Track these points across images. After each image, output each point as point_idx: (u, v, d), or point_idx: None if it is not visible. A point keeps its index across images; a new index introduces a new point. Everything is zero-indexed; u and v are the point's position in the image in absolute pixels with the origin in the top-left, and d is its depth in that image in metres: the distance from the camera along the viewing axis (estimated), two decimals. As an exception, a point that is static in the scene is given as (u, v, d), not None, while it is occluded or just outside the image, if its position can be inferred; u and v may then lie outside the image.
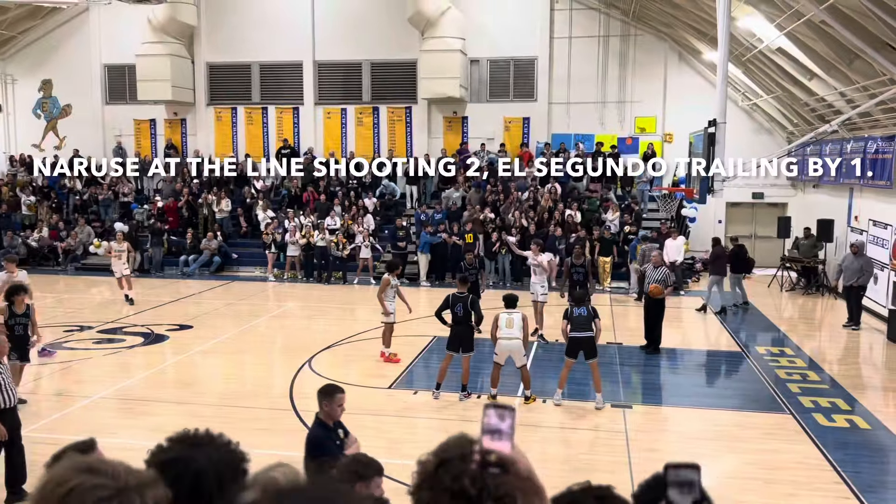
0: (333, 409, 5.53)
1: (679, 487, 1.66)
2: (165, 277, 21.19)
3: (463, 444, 1.62)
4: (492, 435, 1.66)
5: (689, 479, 1.66)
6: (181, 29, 24.70)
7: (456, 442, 1.64)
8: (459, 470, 1.55)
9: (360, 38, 24.46)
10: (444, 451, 1.61)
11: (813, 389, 11.00)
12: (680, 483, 1.66)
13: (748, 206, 23.09)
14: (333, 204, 22.28)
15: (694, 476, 1.66)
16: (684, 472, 1.67)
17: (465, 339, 10.30)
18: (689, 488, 1.66)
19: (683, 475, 1.67)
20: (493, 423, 1.66)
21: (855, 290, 14.89)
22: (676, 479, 1.67)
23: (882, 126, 15.59)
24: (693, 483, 1.66)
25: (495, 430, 1.66)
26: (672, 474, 1.68)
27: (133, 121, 26.27)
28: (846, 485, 7.64)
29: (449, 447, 1.62)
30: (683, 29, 20.92)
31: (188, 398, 10.45)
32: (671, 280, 13.12)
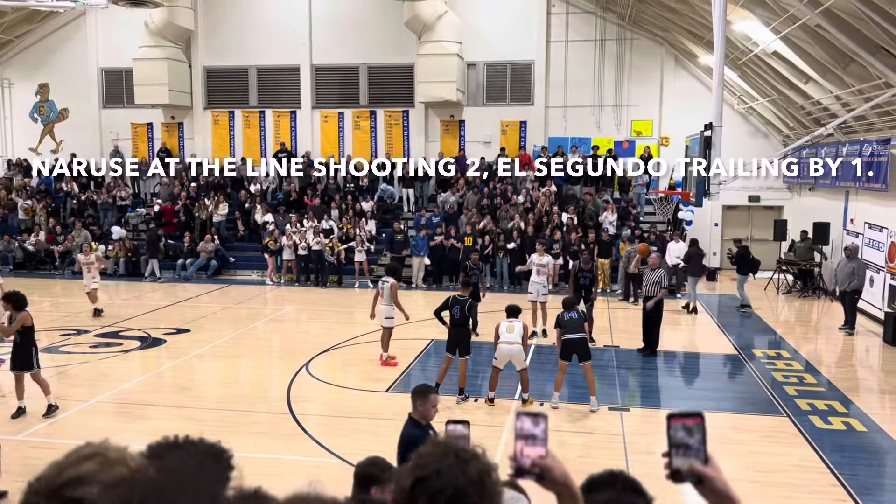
0: (427, 409, 5.52)
1: (676, 449, 1.65)
2: (162, 281, 21.17)
3: (441, 457, 1.56)
4: (526, 440, 1.67)
5: (685, 443, 1.64)
6: (178, 33, 24.72)
7: (435, 453, 1.60)
8: (435, 489, 1.52)
9: (357, 42, 24.50)
10: (420, 467, 1.57)
11: (809, 392, 11.03)
12: (677, 445, 1.64)
13: (744, 209, 23.14)
14: (330, 207, 22.31)
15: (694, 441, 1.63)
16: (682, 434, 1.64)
17: (462, 341, 10.33)
18: (685, 451, 1.64)
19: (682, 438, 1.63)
20: (528, 429, 1.67)
21: (849, 294, 14.80)
22: (675, 441, 1.64)
23: (877, 129, 15.65)
24: (690, 447, 1.63)
25: (529, 436, 1.67)
26: (673, 432, 1.65)
27: (130, 125, 26.27)
28: (843, 487, 7.66)
29: (427, 461, 1.58)
30: (679, 33, 20.98)
31: (185, 402, 10.44)
32: (666, 282, 13.11)
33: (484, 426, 9.49)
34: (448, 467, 1.55)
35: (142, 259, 21.83)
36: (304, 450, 8.55)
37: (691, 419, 1.65)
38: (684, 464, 1.63)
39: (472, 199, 21.80)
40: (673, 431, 1.64)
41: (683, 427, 1.63)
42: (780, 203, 22.66)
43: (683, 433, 1.63)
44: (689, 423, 1.64)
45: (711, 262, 22.82)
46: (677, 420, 1.65)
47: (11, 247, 22.43)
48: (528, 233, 19.77)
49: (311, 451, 8.49)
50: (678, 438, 1.63)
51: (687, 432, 1.63)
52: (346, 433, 9.16)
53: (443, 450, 1.60)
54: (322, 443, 8.76)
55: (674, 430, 1.64)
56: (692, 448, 1.62)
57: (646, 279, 13.10)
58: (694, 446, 1.62)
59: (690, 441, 1.63)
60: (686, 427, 1.63)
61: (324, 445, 8.67)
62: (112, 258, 21.94)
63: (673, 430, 1.64)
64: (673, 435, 1.64)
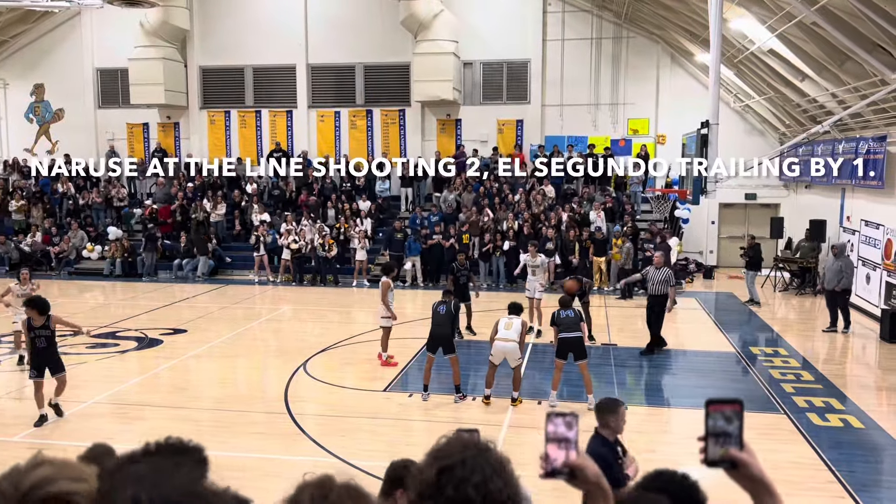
0: (619, 423, 5.35)
1: (715, 438, 1.65)
2: (159, 281, 21.14)
3: (462, 448, 1.59)
4: (559, 443, 1.66)
5: (725, 431, 1.64)
6: (174, 33, 24.66)
7: (454, 444, 1.62)
8: (461, 478, 1.52)
9: (353, 41, 24.47)
10: (443, 457, 1.58)
11: (807, 389, 11.05)
12: (715, 433, 1.64)
13: (741, 207, 23.17)
14: (326, 207, 22.29)
15: (732, 428, 1.63)
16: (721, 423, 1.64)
17: (446, 341, 10.30)
18: (724, 439, 1.64)
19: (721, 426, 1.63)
20: (561, 432, 1.67)
21: (838, 293, 14.58)
22: (714, 429, 1.64)
23: (873, 126, 15.68)
24: (729, 435, 1.63)
25: (562, 439, 1.66)
26: (711, 421, 1.65)
27: (126, 125, 26.21)
28: (840, 484, 7.68)
29: (449, 451, 1.59)
30: (675, 31, 20.99)
31: (183, 403, 10.42)
32: (674, 280, 13.16)
33: (481, 425, 9.49)
34: (472, 457, 1.58)
35: (138, 259, 21.79)
36: (303, 450, 8.54)
37: (730, 406, 1.66)
38: (720, 451, 1.63)
39: (469, 198, 21.80)
40: (712, 420, 1.65)
41: (722, 414, 1.64)
42: (776, 201, 22.69)
43: (723, 421, 1.64)
44: (727, 410, 1.65)
45: (708, 260, 22.86)
46: (716, 407, 1.66)
47: (7, 248, 22.37)
48: (525, 231, 19.78)
49: (309, 451, 8.48)
50: (718, 427, 1.64)
51: (726, 420, 1.64)
52: (343, 433, 9.14)
53: (462, 442, 1.64)
54: (320, 442, 8.75)
55: (713, 419, 1.65)
56: (731, 435, 1.64)
57: (652, 278, 13.02)
58: (733, 433, 1.63)
59: (729, 428, 1.64)
60: (725, 414, 1.64)
61: (322, 445, 8.65)
62: (109, 258, 21.91)
63: (712, 419, 1.65)
64: (712, 424, 1.64)
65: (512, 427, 9.33)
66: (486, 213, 20.69)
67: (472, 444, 1.62)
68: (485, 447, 1.61)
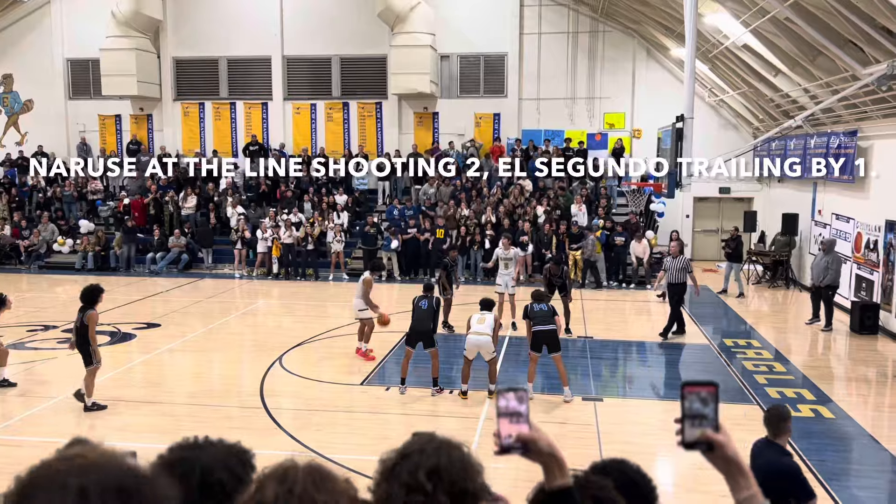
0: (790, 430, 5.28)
1: (692, 420, 1.66)
2: (133, 275, 20.87)
3: (427, 441, 1.63)
4: (510, 417, 1.67)
5: (700, 413, 1.65)
6: (146, 23, 24.30)
7: (422, 438, 1.65)
8: (416, 463, 1.57)
9: (329, 32, 24.30)
10: (408, 447, 1.63)
11: (779, 380, 11.21)
12: (691, 415, 1.66)
13: (715, 201, 23.42)
14: (302, 200, 22.14)
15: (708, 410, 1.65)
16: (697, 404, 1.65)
17: (426, 334, 10.30)
18: (699, 420, 1.66)
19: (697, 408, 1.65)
20: (512, 407, 1.67)
21: (823, 289, 14.69)
22: (690, 411, 1.66)
23: (844, 122, 15.91)
24: (704, 416, 1.65)
25: (514, 413, 1.67)
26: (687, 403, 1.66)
27: (98, 116, 25.80)
28: (811, 473, 7.79)
29: (413, 443, 1.63)
30: (651, 25, 21.12)
31: (156, 397, 10.31)
32: (691, 267, 13.78)
33: (459, 418, 9.51)
34: (433, 448, 1.61)
35: (111, 253, 21.50)
36: (278, 444, 8.48)
37: (706, 388, 1.67)
38: (697, 432, 1.65)
39: (447, 192, 21.78)
40: (688, 402, 1.66)
41: (698, 396, 1.65)
42: (750, 195, 22.96)
43: (698, 402, 1.65)
44: (703, 392, 1.67)
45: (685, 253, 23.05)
46: (692, 389, 1.67)
47: (-25, 241, 21.95)
48: (505, 225, 19.81)
49: (285, 446, 8.43)
50: (693, 408, 1.65)
51: (701, 402, 1.66)
52: (319, 427, 9.11)
53: (430, 436, 1.67)
54: (296, 437, 8.71)
55: (688, 400, 1.66)
56: (706, 417, 1.65)
57: (671, 266, 13.58)
58: (708, 415, 1.65)
59: (705, 410, 1.65)
60: (700, 396, 1.66)
61: (297, 439, 8.62)
62: (80, 252, 21.59)
63: (688, 400, 1.66)
64: (688, 406, 1.66)
65: (489, 419, 9.35)
66: (462, 209, 20.66)
67: (438, 439, 1.65)
68: (452, 443, 1.64)
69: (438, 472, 1.57)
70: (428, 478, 1.56)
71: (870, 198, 15.08)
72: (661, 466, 8.16)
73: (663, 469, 8.12)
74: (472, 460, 1.64)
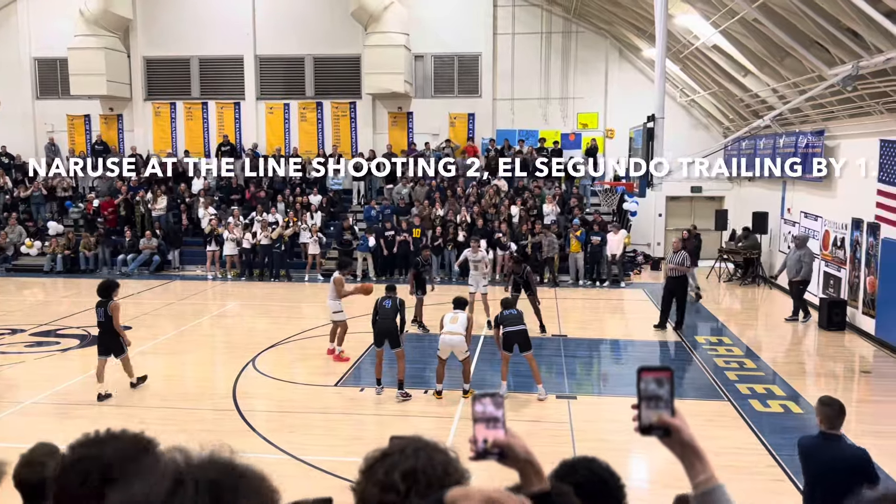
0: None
1: (647, 402, 1.68)
2: (102, 277, 20.50)
3: (410, 442, 1.62)
4: (486, 423, 1.67)
5: (656, 394, 1.67)
6: (116, 21, 23.97)
7: (407, 439, 1.65)
8: (392, 463, 1.56)
9: (302, 32, 24.16)
10: (388, 448, 1.62)
11: (750, 377, 11.37)
12: (647, 397, 1.67)
13: (687, 200, 23.67)
14: (276, 200, 21.98)
15: (664, 392, 1.66)
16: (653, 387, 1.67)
17: (392, 334, 10.26)
18: (655, 403, 1.67)
19: (653, 390, 1.67)
20: (489, 412, 1.67)
21: (794, 284, 15.10)
22: (646, 392, 1.67)
23: (812, 121, 16.17)
24: (660, 399, 1.67)
25: (490, 418, 1.67)
26: (643, 384, 1.68)
27: (66, 116, 25.39)
28: (780, 467, 7.93)
29: (396, 445, 1.63)
30: (623, 26, 21.29)
31: (127, 401, 10.18)
32: (688, 262, 14.33)
33: (434, 418, 9.51)
34: (413, 449, 1.60)
35: (80, 255, 21.17)
36: (252, 447, 8.41)
37: (662, 373, 1.69)
38: (654, 415, 1.66)
39: (422, 192, 21.77)
40: (644, 384, 1.67)
41: (654, 380, 1.67)
42: (721, 194, 23.24)
43: (654, 384, 1.67)
44: (659, 376, 1.68)
45: (655, 252, 23.29)
46: (648, 373, 1.69)
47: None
48: (479, 225, 19.85)
49: (258, 448, 8.37)
50: (649, 391, 1.67)
51: (657, 384, 1.67)
52: (293, 429, 9.05)
53: (416, 439, 1.65)
54: (270, 439, 8.65)
55: (644, 383, 1.67)
56: (662, 399, 1.66)
57: (671, 260, 14.31)
58: (664, 397, 1.66)
59: (661, 392, 1.66)
60: (657, 379, 1.67)
61: (271, 441, 8.56)
62: (49, 254, 21.23)
63: (644, 383, 1.67)
64: (644, 388, 1.67)
65: (464, 419, 9.36)
66: (441, 206, 20.67)
67: (423, 442, 1.64)
68: (437, 448, 1.63)
69: (415, 473, 1.55)
70: (403, 478, 1.55)
71: (837, 196, 15.34)
72: (636, 463, 8.23)
73: (638, 466, 8.19)
74: (455, 466, 1.62)
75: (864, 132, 13.88)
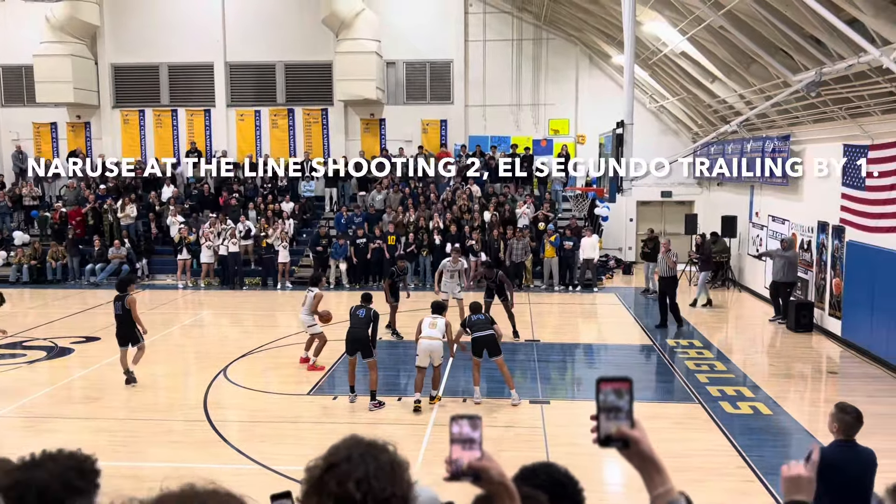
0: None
1: (607, 413, 1.68)
2: (71, 288, 20.21)
3: (352, 446, 1.61)
4: (463, 445, 1.66)
5: (616, 406, 1.67)
6: (83, 28, 23.66)
7: (347, 443, 1.64)
8: (344, 473, 1.55)
9: (272, 38, 24.04)
10: (332, 454, 1.61)
11: (720, 379, 11.50)
12: (607, 409, 1.68)
13: (657, 205, 23.91)
14: (248, 208, 21.80)
15: (623, 403, 1.67)
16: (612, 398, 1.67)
17: (364, 344, 10.20)
18: (615, 414, 1.68)
19: (612, 401, 1.67)
20: (466, 433, 1.67)
21: (781, 286, 15.24)
22: (605, 404, 1.67)
23: (778, 126, 16.45)
24: (620, 410, 1.67)
25: (467, 440, 1.67)
26: (602, 396, 1.68)
27: (32, 124, 24.97)
28: (750, 468, 8.03)
29: (338, 450, 1.61)
30: (593, 33, 21.50)
31: (96, 413, 10.02)
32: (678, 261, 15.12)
33: (407, 425, 9.48)
34: (359, 454, 1.60)
35: (47, 266, 20.80)
36: (223, 457, 8.33)
37: (621, 383, 1.69)
38: (613, 427, 1.66)
39: (395, 199, 21.74)
40: (603, 395, 1.67)
41: (614, 390, 1.67)
42: (690, 198, 23.52)
43: (613, 396, 1.67)
44: (618, 387, 1.68)
45: (627, 257, 23.49)
46: (607, 384, 1.69)
47: None
48: (452, 231, 19.86)
49: (229, 459, 8.28)
50: (609, 402, 1.67)
51: (617, 395, 1.67)
52: (264, 438, 8.97)
53: (354, 441, 1.65)
54: (241, 449, 8.55)
55: (604, 395, 1.68)
56: (622, 410, 1.67)
57: (662, 261, 15.02)
58: (624, 408, 1.66)
59: (620, 403, 1.67)
60: (616, 390, 1.67)
61: (242, 452, 8.46)
62: (15, 265, 20.83)
63: (603, 395, 1.67)
64: (603, 399, 1.67)
65: (437, 426, 9.35)
66: (412, 211, 20.68)
67: (363, 443, 1.63)
68: (378, 447, 1.63)
69: (367, 479, 1.56)
70: (357, 487, 1.55)
71: (803, 200, 15.61)
72: (610, 467, 8.26)
73: (612, 470, 8.22)
74: (398, 461, 1.63)
75: (829, 137, 14.16)
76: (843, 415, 4.96)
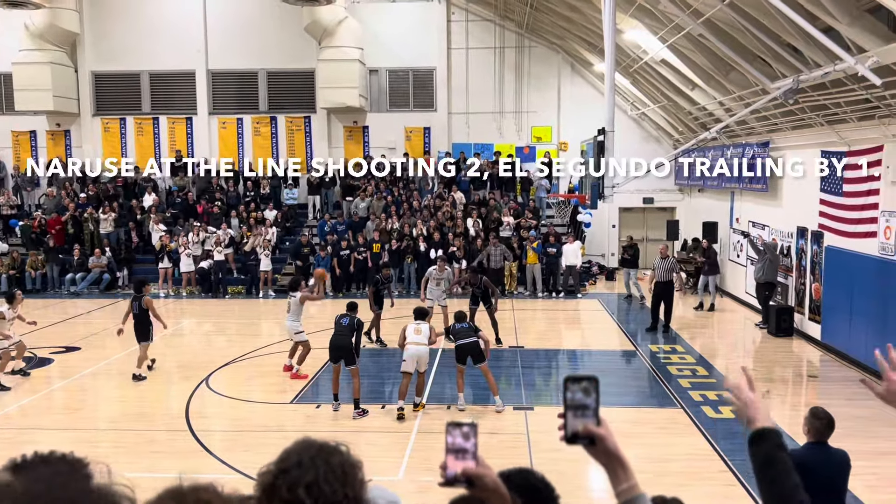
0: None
1: (574, 411, 1.70)
2: (51, 297, 19.99)
3: (303, 450, 1.62)
4: (456, 454, 1.67)
5: (583, 403, 1.69)
6: (63, 36, 23.48)
7: (298, 447, 1.65)
8: (294, 478, 1.56)
9: (255, 46, 23.99)
10: (284, 459, 1.62)
11: (702, 384, 11.58)
12: (574, 406, 1.69)
13: (639, 211, 24.07)
14: (230, 216, 21.69)
15: (590, 401, 1.69)
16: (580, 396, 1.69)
17: (347, 352, 10.19)
18: (582, 411, 1.69)
19: (579, 399, 1.69)
20: (459, 443, 1.67)
21: (760, 286, 15.53)
22: (573, 402, 1.69)
23: (757, 133, 16.65)
24: (587, 407, 1.69)
25: (460, 449, 1.68)
26: (570, 394, 1.70)
27: (11, 132, 24.72)
28: (732, 473, 8.09)
29: (289, 455, 1.62)
30: (574, 41, 21.65)
31: (77, 424, 9.91)
32: (678, 268, 15.09)
33: (391, 433, 9.46)
34: (310, 458, 1.61)
35: (26, 275, 20.57)
36: (206, 467, 8.26)
37: (588, 382, 1.71)
38: (580, 424, 1.68)
39: (379, 206, 21.73)
40: (570, 393, 1.69)
41: (581, 388, 1.69)
42: (672, 204, 23.70)
43: (581, 393, 1.68)
44: (586, 385, 1.70)
45: (610, 263, 23.61)
46: (574, 382, 1.71)
47: None
48: (435, 238, 19.88)
49: (212, 469, 8.21)
50: (576, 400, 1.68)
51: (584, 393, 1.69)
52: (248, 447, 8.91)
53: (306, 444, 1.66)
54: (224, 459, 8.50)
55: (571, 392, 1.69)
56: (589, 408, 1.68)
57: (659, 266, 15.17)
58: (590, 406, 1.68)
59: (587, 401, 1.68)
60: (583, 388, 1.69)
61: (225, 461, 8.41)
62: (-7, 274, 20.58)
63: (570, 392, 1.69)
64: (570, 397, 1.69)
65: (421, 433, 9.34)
66: (395, 219, 20.68)
67: (314, 446, 1.64)
68: (329, 449, 1.64)
69: (318, 484, 1.57)
70: (308, 492, 1.56)
71: (783, 206, 15.79)
72: (592, 472, 8.29)
73: (595, 475, 8.25)
74: (350, 461, 1.64)
75: (807, 143, 14.35)
76: (815, 420, 5.04)
